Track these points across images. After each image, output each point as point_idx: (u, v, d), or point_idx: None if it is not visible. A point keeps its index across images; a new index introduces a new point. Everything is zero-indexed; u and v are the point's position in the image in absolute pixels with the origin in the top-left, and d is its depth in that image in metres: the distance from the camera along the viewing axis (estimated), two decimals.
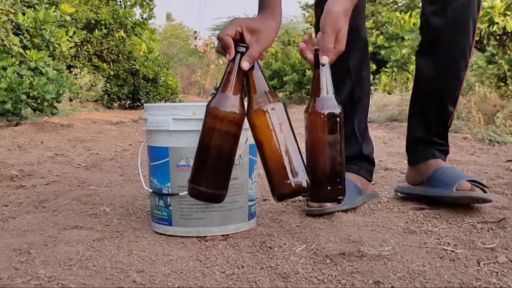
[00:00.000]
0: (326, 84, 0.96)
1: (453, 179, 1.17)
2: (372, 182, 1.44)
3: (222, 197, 0.95)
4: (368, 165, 1.38)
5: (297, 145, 0.92)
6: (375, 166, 1.39)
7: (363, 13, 1.33)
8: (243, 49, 0.93)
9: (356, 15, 1.29)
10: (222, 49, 0.95)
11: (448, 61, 1.26)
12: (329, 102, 0.96)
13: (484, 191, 1.15)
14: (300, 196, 1.33)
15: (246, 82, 0.94)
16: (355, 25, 1.29)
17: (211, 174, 0.93)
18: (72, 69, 7.47)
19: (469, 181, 1.16)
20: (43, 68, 3.48)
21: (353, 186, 1.29)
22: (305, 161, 0.94)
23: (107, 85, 8.39)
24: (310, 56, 1.00)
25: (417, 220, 1.12)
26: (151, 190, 1.06)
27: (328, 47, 0.96)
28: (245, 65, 0.92)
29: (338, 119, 0.96)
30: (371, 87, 6.87)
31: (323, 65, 0.96)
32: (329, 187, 0.96)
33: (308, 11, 10.84)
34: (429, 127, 1.33)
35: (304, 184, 0.91)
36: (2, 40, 3.35)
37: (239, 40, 0.95)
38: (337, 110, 0.96)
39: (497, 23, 3.23)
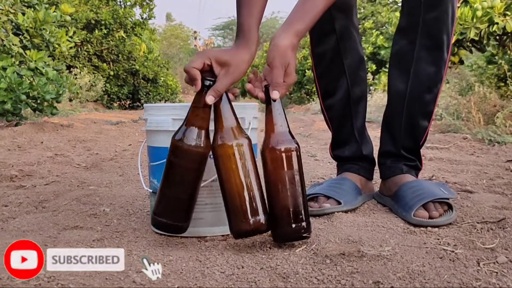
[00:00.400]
0: (280, 119, 0.94)
1: (414, 199, 1.14)
2: (374, 182, 1.44)
3: (184, 229, 0.95)
4: (368, 164, 1.38)
5: (259, 183, 0.92)
6: (375, 165, 1.39)
7: (354, 13, 1.31)
8: (209, 83, 0.92)
9: (346, 16, 1.28)
10: (190, 81, 0.94)
11: (419, 75, 1.23)
12: (284, 137, 0.93)
13: (449, 205, 1.13)
14: None
15: (214, 114, 0.93)
16: (346, 26, 1.28)
17: (173, 206, 0.93)
18: (72, 69, 7.48)
19: (431, 201, 1.13)
20: (43, 68, 3.48)
21: (353, 186, 1.29)
22: (266, 199, 0.93)
23: (107, 85, 8.40)
24: (261, 94, 0.97)
25: None
26: (151, 190, 1.06)
27: (278, 81, 0.94)
28: (209, 100, 0.91)
29: (295, 153, 0.94)
30: (371, 87, 6.88)
31: (274, 101, 0.93)
32: (293, 225, 0.92)
33: None
34: (398, 141, 1.29)
35: (263, 222, 0.90)
36: (2, 40, 3.35)
37: (209, 72, 0.94)
38: (293, 145, 0.94)
39: (497, 23, 3.23)
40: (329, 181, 1.34)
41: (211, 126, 0.93)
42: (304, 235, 0.93)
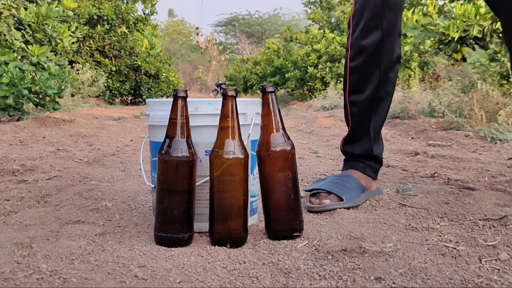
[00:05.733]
0: (278, 121, 0.95)
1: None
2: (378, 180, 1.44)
3: (184, 240, 0.93)
4: (376, 164, 1.38)
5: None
6: (382, 165, 1.39)
7: (401, 14, 1.31)
8: (183, 94, 0.93)
9: (395, 14, 1.27)
10: None
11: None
12: (280, 139, 0.95)
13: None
14: (302, 192, 1.33)
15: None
16: (393, 25, 1.28)
17: (171, 219, 0.92)
18: (74, 64, 7.48)
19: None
20: (45, 63, 3.48)
21: (357, 184, 1.28)
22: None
23: (109, 80, 8.40)
24: None
25: (419, 217, 1.12)
26: (153, 186, 1.06)
27: None
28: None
29: (289, 155, 0.96)
30: None
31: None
32: (284, 225, 0.96)
33: (310, 8, 10.81)
34: None
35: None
36: (4, 35, 3.35)
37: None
38: (288, 147, 0.96)
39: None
40: (332, 176, 1.33)
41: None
42: (294, 234, 0.97)
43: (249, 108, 1.04)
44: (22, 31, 3.61)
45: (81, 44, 7.86)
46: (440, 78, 5.11)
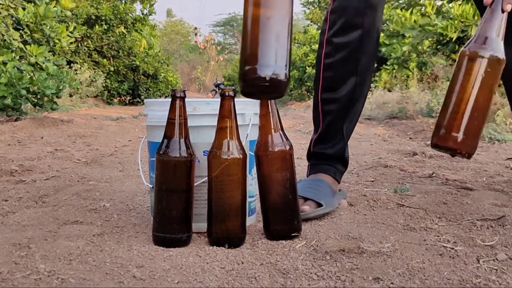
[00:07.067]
0: (276, 121, 0.96)
1: None
2: (373, 179, 1.44)
3: (182, 240, 0.93)
4: (343, 167, 1.35)
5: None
6: (346, 169, 1.38)
7: (382, 11, 1.28)
8: (181, 94, 0.93)
9: (376, 12, 1.25)
10: None
11: None
12: (278, 139, 0.96)
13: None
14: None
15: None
16: (373, 23, 1.25)
17: (169, 219, 0.92)
18: (72, 64, 7.47)
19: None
20: (43, 63, 3.48)
21: (330, 189, 1.24)
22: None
23: (107, 81, 8.39)
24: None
25: (417, 217, 1.12)
26: (151, 186, 1.06)
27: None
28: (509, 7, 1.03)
29: (288, 156, 0.96)
30: (371, 85, 6.87)
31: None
32: (282, 225, 0.97)
33: (308, 8, 10.82)
34: None
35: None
36: (2, 35, 3.34)
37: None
38: (286, 147, 0.96)
39: None
40: (304, 181, 1.28)
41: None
42: (293, 234, 0.97)
43: (247, 108, 1.04)
44: (20, 31, 3.61)
45: (79, 44, 7.85)
46: (439, 79, 5.11)
